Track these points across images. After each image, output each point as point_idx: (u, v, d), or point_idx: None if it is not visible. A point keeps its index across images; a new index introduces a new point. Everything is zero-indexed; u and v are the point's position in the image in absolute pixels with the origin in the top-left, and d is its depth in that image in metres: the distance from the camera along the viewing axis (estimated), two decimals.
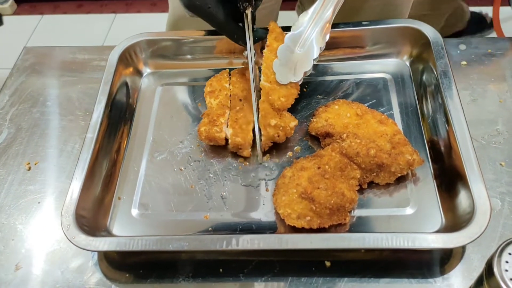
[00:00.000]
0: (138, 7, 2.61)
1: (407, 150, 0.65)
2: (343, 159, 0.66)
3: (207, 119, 0.73)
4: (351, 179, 0.65)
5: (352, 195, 0.63)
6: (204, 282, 0.62)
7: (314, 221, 0.62)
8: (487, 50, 0.80)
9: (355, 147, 0.65)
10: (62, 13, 2.63)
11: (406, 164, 0.64)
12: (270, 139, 0.70)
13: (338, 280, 0.60)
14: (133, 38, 0.82)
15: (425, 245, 0.56)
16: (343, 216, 0.63)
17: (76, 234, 0.61)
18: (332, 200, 0.62)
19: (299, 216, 0.62)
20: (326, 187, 0.63)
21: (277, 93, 0.70)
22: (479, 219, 0.56)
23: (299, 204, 0.63)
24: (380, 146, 0.66)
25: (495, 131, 0.71)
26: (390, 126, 0.69)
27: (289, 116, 0.71)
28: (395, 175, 0.65)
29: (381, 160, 0.64)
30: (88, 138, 0.70)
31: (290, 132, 0.70)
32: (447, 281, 0.59)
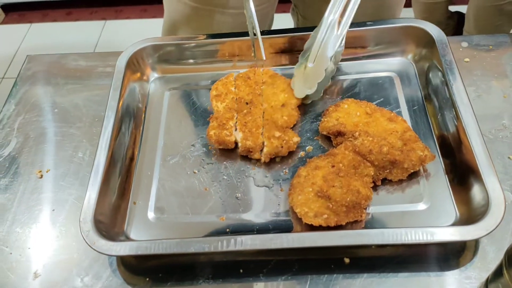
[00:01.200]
0: (128, 14, 2.61)
1: (418, 146, 0.67)
2: (356, 157, 0.67)
3: (216, 123, 0.73)
4: (365, 177, 0.66)
5: (367, 192, 0.65)
6: (225, 283, 0.62)
7: (331, 219, 0.63)
8: (488, 47, 0.82)
9: (368, 145, 0.66)
10: (51, 21, 2.61)
11: (418, 160, 0.66)
12: (274, 149, 0.70)
13: (357, 276, 0.61)
14: (140, 43, 0.82)
15: (443, 238, 0.57)
16: (359, 213, 0.64)
17: (96, 240, 0.61)
18: (348, 198, 0.63)
19: (316, 215, 0.63)
20: (342, 185, 0.64)
21: (280, 112, 0.74)
22: (494, 212, 0.58)
23: (315, 203, 0.64)
24: (391, 143, 0.67)
25: (501, 125, 0.72)
26: (400, 124, 0.70)
27: (292, 133, 0.72)
28: (408, 171, 0.67)
29: (394, 157, 0.65)
30: (101, 144, 0.70)
31: (293, 146, 0.71)
32: (464, 273, 0.60)
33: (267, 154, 0.71)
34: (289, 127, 0.74)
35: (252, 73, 0.79)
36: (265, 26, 1.02)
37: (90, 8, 2.64)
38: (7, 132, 0.81)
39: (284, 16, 1.33)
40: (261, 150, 0.72)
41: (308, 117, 0.77)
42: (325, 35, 0.75)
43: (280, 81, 0.78)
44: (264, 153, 0.71)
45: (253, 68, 0.80)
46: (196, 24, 0.95)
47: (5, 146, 0.79)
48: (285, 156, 0.72)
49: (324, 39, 0.75)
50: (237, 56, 0.85)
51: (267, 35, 0.82)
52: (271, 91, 0.77)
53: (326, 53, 0.74)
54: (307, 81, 0.75)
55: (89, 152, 0.77)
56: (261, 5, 0.94)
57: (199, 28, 0.95)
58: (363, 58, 0.83)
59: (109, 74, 0.87)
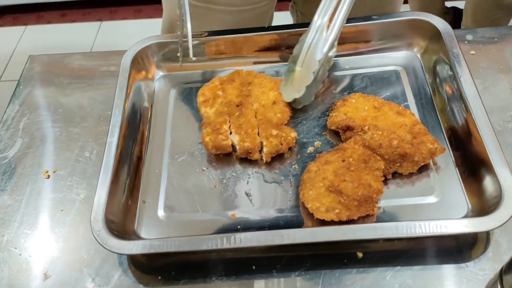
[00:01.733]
0: (123, 14, 2.59)
1: (428, 139, 0.67)
2: (366, 151, 0.67)
3: (210, 129, 0.72)
4: (375, 170, 0.66)
5: (379, 185, 0.64)
6: (238, 280, 0.62)
7: (343, 213, 0.62)
8: (493, 39, 0.82)
9: (378, 139, 0.66)
10: (46, 23, 2.60)
11: (429, 153, 0.66)
12: (274, 148, 0.70)
13: (371, 270, 0.61)
14: (144, 41, 0.82)
15: (457, 230, 0.57)
16: (370, 207, 0.64)
17: (108, 239, 0.60)
18: (360, 192, 0.63)
19: (328, 209, 0.63)
20: (352, 179, 0.64)
21: (273, 110, 0.73)
22: (508, 202, 0.58)
23: (327, 198, 0.63)
24: (401, 136, 0.67)
25: (509, 117, 0.72)
26: (409, 117, 0.70)
27: (289, 129, 0.72)
28: (418, 164, 0.66)
29: (404, 150, 0.65)
30: (109, 143, 0.69)
31: (292, 141, 0.71)
32: (478, 265, 0.60)
33: (268, 153, 0.70)
34: (284, 123, 0.73)
35: (236, 75, 0.78)
36: (265, 24, 1.01)
37: (85, 9, 2.63)
38: (12, 133, 0.80)
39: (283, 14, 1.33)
40: (260, 150, 0.71)
41: (315, 112, 0.77)
42: (313, 39, 0.76)
43: (266, 80, 0.78)
44: (265, 153, 0.70)
45: (236, 70, 0.79)
46: (193, 23, 0.95)
47: (11, 147, 0.78)
48: (294, 151, 0.72)
49: (313, 43, 0.76)
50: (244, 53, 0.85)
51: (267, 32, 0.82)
52: (259, 90, 0.76)
53: (315, 56, 0.75)
54: (295, 85, 0.75)
55: (96, 152, 0.76)
56: (261, 2, 0.94)
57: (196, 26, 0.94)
58: (368, 52, 0.83)
59: (113, 73, 0.87)
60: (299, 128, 0.75)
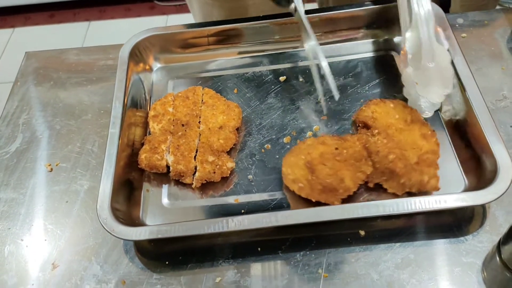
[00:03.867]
0: (112, 14, 2.59)
1: (428, 171, 0.64)
2: (362, 152, 0.66)
3: (148, 146, 0.71)
4: (359, 172, 0.65)
5: (351, 185, 0.64)
6: (245, 262, 0.63)
7: (304, 190, 0.65)
8: (484, 22, 0.84)
9: (378, 146, 0.66)
10: (33, 24, 2.58)
11: (419, 183, 0.64)
12: (206, 175, 0.69)
13: (374, 247, 0.63)
14: (142, 33, 0.83)
15: (456, 204, 0.59)
16: (332, 199, 0.64)
17: (115, 226, 0.61)
18: (329, 180, 0.63)
19: (294, 180, 0.65)
20: (331, 167, 0.64)
21: (217, 135, 0.72)
22: (503, 176, 0.60)
23: (300, 170, 0.65)
24: (405, 156, 0.65)
25: (501, 96, 0.75)
26: (430, 144, 0.66)
27: (227, 158, 0.71)
28: (403, 188, 0.65)
29: (395, 167, 0.64)
30: (111, 133, 0.70)
31: (226, 172, 0.69)
32: (477, 238, 0.62)
33: (199, 179, 0.69)
34: (225, 150, 0.72)
35: (191, 92, 0.77)
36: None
37: (73, 9, 2.62)
38: (12, 128, 0.81)
39: None
40: (193, 174, 0.70)
41: (312, 98, 0.78)
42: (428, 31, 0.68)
43: (220, 102, 0.76)
44: (195, 177, 0.69)
45: (194, 87, 0.78)
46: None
47: (12, 142, 0.79)
48: (293, 136, 0.74)
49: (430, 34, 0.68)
50: (241, 42, 0.85)
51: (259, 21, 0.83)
52: (210, 112, 0.74)
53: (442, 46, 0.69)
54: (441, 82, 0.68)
55: (98, 144, 0.77)
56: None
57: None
58: (362, 38, 0.84)
59: (111, 66, 0.87)
60: (297, 114, 0.76)
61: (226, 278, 0.62)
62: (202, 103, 0.76)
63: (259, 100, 0.79)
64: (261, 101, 0.79)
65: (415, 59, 0.69)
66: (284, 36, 0.85)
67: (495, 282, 0.59)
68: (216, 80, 0.83)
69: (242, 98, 0.80)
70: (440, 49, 0.68)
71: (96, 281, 0.63)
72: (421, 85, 0.68)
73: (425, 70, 0.68)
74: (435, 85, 0.68)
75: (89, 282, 0.63)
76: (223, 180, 0.70)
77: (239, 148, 0.74)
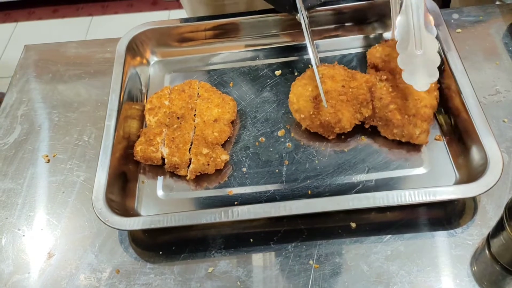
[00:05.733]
0: (115, 9, 2.60)
1: (421, 125, 0.67)
2: (366, 95, 0.70)
3: (144, 138, 0.72)
4: (358, 113, 0.70)
5: (347, 125, 0.69)
6: (237, 253, 0.64)
7: (304, 121, 0.71)
8: (478, 17, 0.84)
9: (383, 93, 0.69)
10: (37, 19, 2.59)
11: (409, 135, 0.68)
12: (200, 167, 0.69)
13: (364, 239, 0.63)
14: (139, 27, 0.83)
15: (446, 197, 0.60)
16: (328, 133, 0.71)
17: (110, 216, 0.62)
18: (327, 118, 0.68)
19: (297, 110, 0.71)
20: (333, 106, 0.69)
21: (212, 128, 0.72)
22: (493, 169, 0.60)
23: (304, 102, 0.71)
24: (405, 106, 0.68)
25: (494, 90, 0.75)
26: (430, 97, 0.69)
27: (222, 150, 0.71)
28: (394, 136, 0.69)
29: (392, 117, 0.68)
30: (107, 126, 0.71)
31: (221, 164, 0.70)
32: (466, 231, 0.63)
33: (193, 171, 0.70)
34: (220, 143, 0.72)
35: (187, 86, 0.77)
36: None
37: (77, 4, 2.63)
38: (11, 120, 0.82)
39: None
40: (188, 166, 0.71)
41: None
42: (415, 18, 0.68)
43: (216, 95, 0.76)
44: (189, 170, 0.70)
45: (190, 81, 0.78)
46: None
47: (10, 133, 0.80)
48: (288, 130, 0.74)
49: (417, 21, 0.68)
50: (236, 37, 0.86)
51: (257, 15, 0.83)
52: (205, 105, 0.75)
53: (429, 34, 0.68)
54: (426, 70, 0.67)
55: (94, 136, 0.78)
56: None
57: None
58: (357, 33, 0.85)
59: (109, 60, 0.88)
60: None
61: (218, 268, 0.63)
62: (198, 97, 0.77)
63: (254, 94, 0.80)
64: (256, 95, 0.80)
65: (403, 45, 0.68)
66: (280, 30, 0.85)
67: (484, 275, 0.60)
68: (212, 73, 0.84)
69: (238, 92, 0.81)
70: (429, 37, 0.68)
71: (91, 270, 0.64)
72: (407, 72, 0.67)
73: (412, 57, 0.68)
74: (422, 72, 0.67)
75: (84, 271, 0.64)
76: (217, 172, 0.71)
77: (234, 141, 0.75)
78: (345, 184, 0.68)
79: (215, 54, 0.86)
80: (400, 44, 0.69)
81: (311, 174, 0.70)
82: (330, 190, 0.68)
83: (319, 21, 0.83)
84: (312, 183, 0.69)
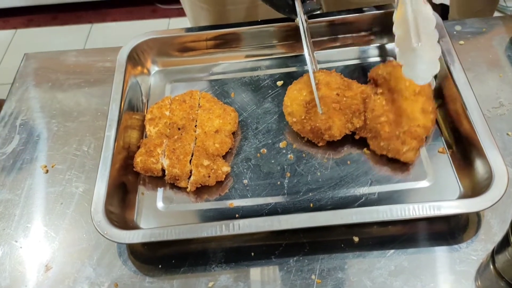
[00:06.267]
0: (115, 16, 2.60)
1: (410, 142, 0.66)
2: (360, 106, 0.69)
3: (144, 149, 0.71)
4: (349, 123, 0.69)
5: (336, 133, 0.69)
6: (238, 267, 0.63)
7: (296, 125, 0.72)
8: (481, 29, 0.84)
9: (376, 105, 0.68)
10: (36, 26, 2.59)
11: (395, 150, 0.66)
12: (201, 179, 0.68)
13: (367, 254, 0.62)
14: (140, 37, 0.83)
15: (450, 211, 0.59)
16: (317, 139, 0.71)
17: (108, 229, 0.61)
18: (318, 124, 0.69)
19: (290, 113, 0.72)
20: (325, 113, 0.69)
21: (213, 139, 0.71)
22: (498, 183, 0.59)
23: (297, 106, 0.71)
24: (396, 122, 0.67)
25: (498, 103, 0.74)
26: (425, 119, 0.68)
27: (223, 162, 0.71)
28: (382, 150, 0.68)
29: (381, 129, 0.67)
30: (107, 136, 0.70)
31: (221, 176, 0.69)
32: (471, 246, 0.62)
33: (193, 183, 0.69)
34: (221, 155, 0.71)
35: (188, 96, 0.77)
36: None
37: (76, 12, 2.63)
38: (9, 129, 0.81)
39: None
40: (188, 178, 0.70)
41: None
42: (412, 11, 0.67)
43: (217, 106, 0.76)
44: (190, 181, 0.69)
45: (191, 91, 0.77)
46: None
47: (9, 143, 0.79)
48: (289, 141, 0.74)
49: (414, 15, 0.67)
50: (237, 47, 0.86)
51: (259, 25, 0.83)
52: (206, 116, 0.74)
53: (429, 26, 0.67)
54: (426, 62, 0.65)
55: (94, 146, 0.77)
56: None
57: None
58: (361, 44, 0.84)
59: (109, 69, 0.88)
60: None
61: (219, 283, 0.62)
62: (199, 107, 0.76)
63: (255, 104, 0.79)
64: (257, 106, 0.79)
65: (401, 39, 0.67)
66: (282, 41, 0.85)
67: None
68: (213, 84, 0.83)
69: (239, 102, 0.80)
70: (428, 30, 0.66)
71: (89, 283, 0.63)
72: (407, 66, 0.66)
73: (411, 50, 0.66)
74: (421, 65, 0.65)
75: (82, 284, 0.63)
76: (218, 184, 0.70)
77: (235, 152, 0.74)
78: (347, 197, 0.67)
79: (217, 64, 0.86)
80: (398, 40, 0.68)
81: (313, 186, 0.69)
82: (332, 203, 0.67)
83: (321, 32, 0.83)
84: (314, 196, 0.68)
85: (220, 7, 0.93)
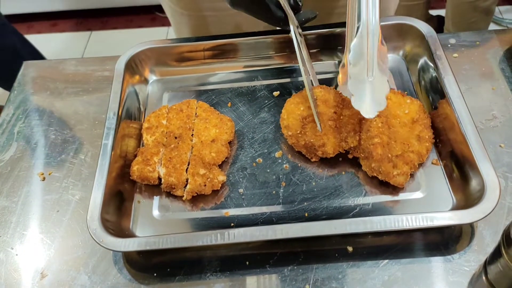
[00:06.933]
0: (114, 24, 2.62)
1: (401, 167, 0.66)
2: (356, 126, 0.70)
3: (140, 158, 0.72)
4: (344, 142, 0.70)
5: (330, 151, 0.70)
6: (233, 276, 0.63)
7: (290, 139, 0.73)
8: (475, 42, 0.85)
9: (372, 127, 0.68)
10: (35, 33, 2.61)
11: (385, 172, 0.66)
12: (197, 187, 0.69)
13: (361, 264, 0.63)
14: (138, 46, 0.84)
15: (443, 222, 0.59)
16: (311, 155, 0.72)
17: (104, 237, 0.62)
18: (313, 140, 0.70)
19: (286, 127, 0.73)
20: (322, 127, 0.70)
21: (209, 148, 0.72)
22: (490, 195, 0.60)
23: (294, 120, 0.72)
24: (390, 146, 0.67)
25: (491, 115, 0.75)
26: (420, 147, 0.69)
27: (218, 171, 0.71)
28: (372, 172, 0.68)
29: (373, 151, 0.66)
30: (104, 144, 0.71)
31: (217, 185, 0.70)
32: (463, 257, 0.62)
33: (189, 191, 0.69)
34: (217, 164, 0.72)
35: (185, 105, 0.77)
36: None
37: (76, 19, 2.64)
38: (7, 137, 0.81)
39: None
40: (184, 186, 0.70)
41: None
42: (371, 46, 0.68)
43: (213, 115, 0.77)
44: (186, 190, 0.69)
45: (188, 101, 0.78)
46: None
47: (6, 150, 0.80)
48: (286, 151, 0.74)
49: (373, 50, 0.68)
50: (235, 58, 0.87)
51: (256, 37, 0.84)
52: (203, 125, 0.75)
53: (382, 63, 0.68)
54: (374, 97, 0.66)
55: (91, 154, 0.78)
56: None
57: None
58: None
59: (107, 78, 0.88)
60: None
61: None
62: (196, 116, 0.77)
63: (252, 114, 0.80)
64: (254, 115, 0.80)
65: (356, 70, 0.68)
66: (279, 52, 0.86)
67: None
68: (210, 93, 0.84)
69: (236, 112, 0.81)
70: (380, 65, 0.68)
71: None
72: (356, 97, 0.67)
73: (363, 82, 0.67)
74: (370, 100, 0.66)
75: None
76: (214, 193, 0.71)
77: (231, 162, 0.75)
78: (342, 207, 0.68)
79: (214, 74, 0.87)
80: (352, 69, 0.68)
81: (308, 196, 0.69)
82: (327, 213, 0.67)
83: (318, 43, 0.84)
84: (309, 206, 0.68)
85: (198, 13, 0.94)
